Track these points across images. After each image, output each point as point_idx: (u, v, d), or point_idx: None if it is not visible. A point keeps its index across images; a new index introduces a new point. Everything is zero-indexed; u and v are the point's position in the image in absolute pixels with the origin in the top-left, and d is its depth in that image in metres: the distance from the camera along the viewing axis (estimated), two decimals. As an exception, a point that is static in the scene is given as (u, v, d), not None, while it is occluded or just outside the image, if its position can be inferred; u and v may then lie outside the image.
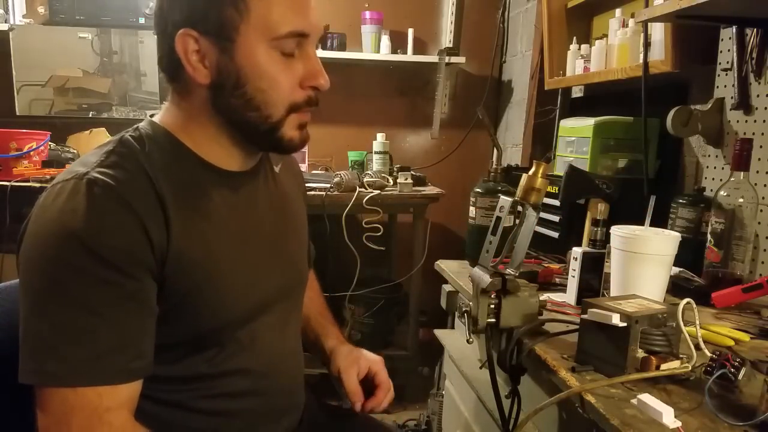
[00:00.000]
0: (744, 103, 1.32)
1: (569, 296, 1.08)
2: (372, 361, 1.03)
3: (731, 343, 0.89)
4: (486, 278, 0.87)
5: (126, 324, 0.71)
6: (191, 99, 0.80)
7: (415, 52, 2.84)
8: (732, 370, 0.72)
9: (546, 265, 1.32)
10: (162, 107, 0.84)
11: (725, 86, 1.38)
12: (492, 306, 0.89)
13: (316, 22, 0.79)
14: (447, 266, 1.37)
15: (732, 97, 1.35)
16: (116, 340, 0.70)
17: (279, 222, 0.92)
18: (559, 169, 1.78)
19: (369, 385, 1.02)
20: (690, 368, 0.75)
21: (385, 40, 2.76)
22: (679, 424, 0.63)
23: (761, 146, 1.26)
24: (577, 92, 2.30)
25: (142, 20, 2.62)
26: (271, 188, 0.93)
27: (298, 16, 0.76)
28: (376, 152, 2.60)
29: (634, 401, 0.68)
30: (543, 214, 1.70)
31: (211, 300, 0.78)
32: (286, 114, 0.79)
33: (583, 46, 1.97)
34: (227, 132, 0.81)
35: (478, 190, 1.33)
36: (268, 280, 0.87)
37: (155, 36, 0.81)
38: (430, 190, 2.51)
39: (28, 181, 2.13)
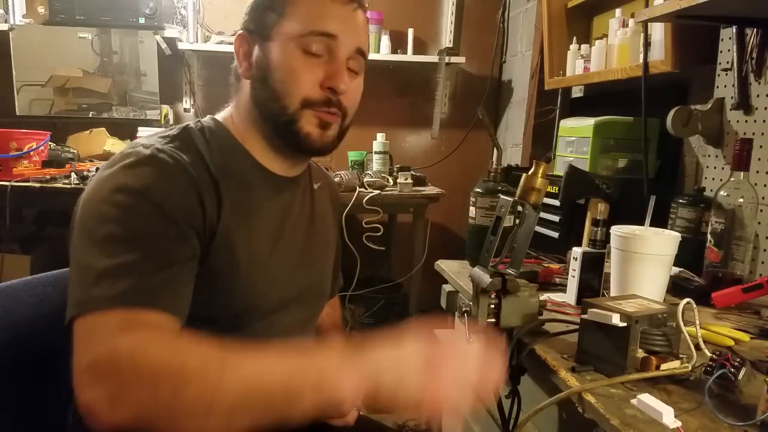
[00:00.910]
0: (744, 103, 1.32)
1: (569, 296, 1.08)
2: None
3: (731, 343, 0.89)
4: (486, 278, 0.87)
5: (176, 267, 0.72)
6: (242, 95, 0.88)
7: (415, 52, 2.84)
8: (732, 370, 0.72)
9: (546, 265, 1.32)
10: (224, 107, 0.91)
11: (725, 86, 1.38)
12: (492, 306, 0.89)
13: (349, 29, 0.84)
14: (447, 266, 1.37)
15: (732, 97, 1.35)
16: (163, 280, 0.70)
17: (308, 234, 0.95)
18: (559, 169, 1.78)
19: None
20: (690, 368, 0.75)
21: (385, 40, 2.76)
22: (679, 424, 0.63)
23: (761, 146, 1.26)
24: (577, 92, 2.30)
25: (142, 20, 2.62)
26: (308, 203, 0.97)
27: (324, 18, 0.82)
28: (376, 152, 2.60)
29: (634, 401, 0.68)
30: (543, 214, 1.70)
31: (241, 284, 0.81)
32: (301, 107, 0.83)
33: (583, 46, 1.97)
34: (264, 128, 0.86)
35: (478, 190, 1.33)
36: (292, 281, 0.91)
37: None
38: (430, 190, 2.51)
39: (28, 181, 2.13)
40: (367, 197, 2.28)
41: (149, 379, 0.59)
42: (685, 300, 0.80)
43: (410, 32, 2.81)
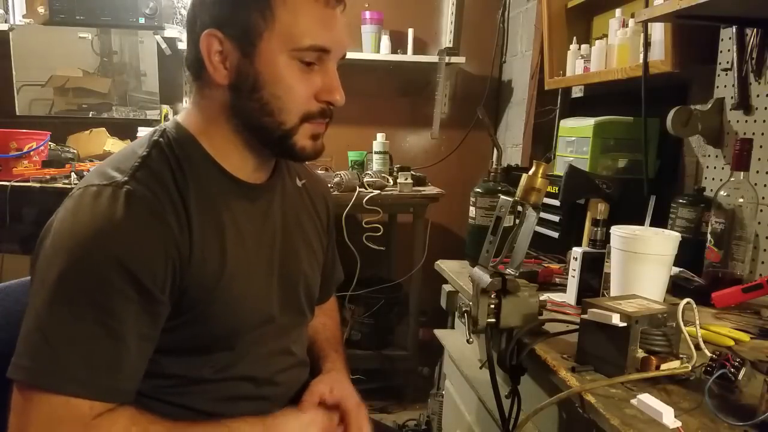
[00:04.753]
0: (744, 103, 1.32)
1: (569, 296, 1.08)
2: (346, 396, 0.93)
3: (731, 343, 0.89)
4: (486, 278, 0.87)
5: (130, 342, 0.71)
6: (211, 99, 0.82)
7: (415, 52, 2.84)
8: (732, 370, 0.72)
9: (546, 265, 1.32)
10: (185, 107, 0.85)
11: (725, 86, 1.38)
12: (492, 306, 0.89)
13: (340, 39, 0.80)
14: (447, 266, 1.37)
15: (732, 97, 1.34)
16: (115, 356, 0.70)
17: (292, 236, 0.93)
18: (559, 169, 1.78)
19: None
20: (690, 368, 0.75)
21: (385, 40, 2.76)
22: (679, 424, 0.63)
23: (761, 146, 1.26)
24: (577, 92, 2.29)
25: (142, 20, 2.62)
26: (289, 203, 0.94)
27: (322, 31, 0.78)
28: (376, 152, 2.60)
29: (634, 401, 0.68)
30: (543, 214, 1.69)
31: (224, 309, 0.80)
32: (299, 122, 0.80)
33: (583, 46, 1.97)
34: (243, 136, 0.82)
35: (478, 190, 1.33)
36: (277, 291, 0.89)
37: (186, 34, 0.83)
38: (430, 190, 2.51)
39: (28, 181, 2.13)
40: (367, 197, 2.27)
41: None
42: (685, 300, 0.81)
43: (410, 32, 2.81)
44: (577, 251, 1.06)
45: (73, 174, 2.15)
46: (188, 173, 0.78)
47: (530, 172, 0.91)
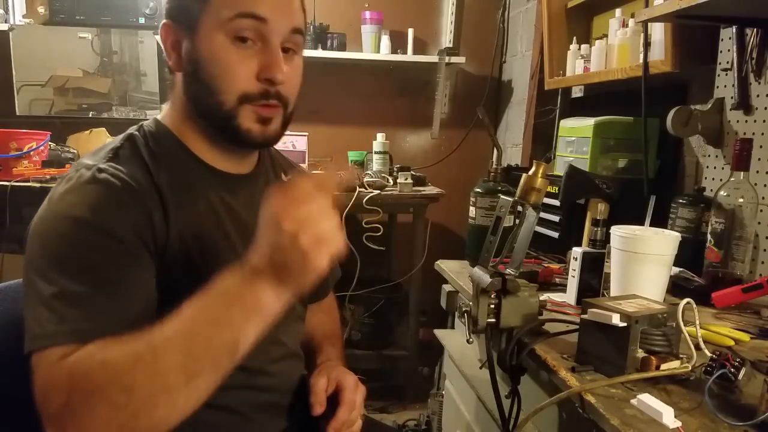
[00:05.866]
0: (744, 103, 1.32)
1: (569, 296, 1.08)
2: (343, 376, 0.95)
3: (731, 343, 0.89)
4: (486, 278, 0.87)
5: (130, 291, 0.72)
6: (176, 90, 0.84)
7: (415, 52, 2.84)
8: (732, 370, 0.72)
9: (546, 265, 1.32)
10: (164, 106, 0.88)
11: (725, 86, 1.38)
12: (492, 306, 0.89)
13: (277, 7, 0.78)
14: (447, 266, 1.37)
15: (732, 97, 1.35)
16: (118, 307, 0.70)
17: None
18: (559, 169, 1.78)
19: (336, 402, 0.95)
20: (690, 368, 0.75)
21: (385, 40, 2.76)
22: (679, 424, 0.63)
23: (761, 146, 1.26)
24: (577, 92, 2.29)
25: (142, 20, 2.62)
26: None
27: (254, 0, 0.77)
28: (376, 152, 2.60)
29: (634, 401, 0.68)
30: (543, 214, 1.70)
31: None
32: (239, 103, 0.79)
33: (583, 46, 1.97)
34: (202, 124, 0.83)
35: (478, 190, 1.33)
36: None
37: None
38: (430, 190, 2.51)
39: (28, 181, 2.13)
40: (367, 197, 2.27)
41: (97, 397, 0.62)
42: (685, 300, 0.81)
43: (410, 32, 2.81)
44: (577, 251, 1.06)
45: (73, 174, 2.15)
46: (162, 163, 0.79)
47: (530, 172, 0.91)
